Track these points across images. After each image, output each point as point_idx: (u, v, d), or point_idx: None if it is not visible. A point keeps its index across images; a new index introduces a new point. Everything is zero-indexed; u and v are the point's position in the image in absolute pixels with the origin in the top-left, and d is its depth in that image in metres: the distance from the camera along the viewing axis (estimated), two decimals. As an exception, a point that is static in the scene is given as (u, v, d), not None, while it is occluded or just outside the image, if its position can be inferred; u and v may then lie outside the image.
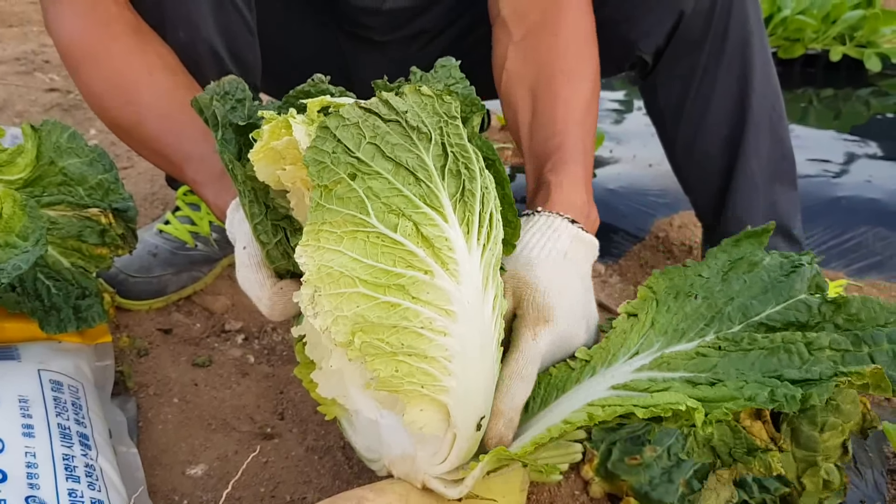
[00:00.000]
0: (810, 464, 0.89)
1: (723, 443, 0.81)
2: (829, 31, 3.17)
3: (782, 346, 0.82)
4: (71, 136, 1.26)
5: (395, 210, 0.74)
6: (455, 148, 0.79)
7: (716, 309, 0.91)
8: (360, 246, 0.74)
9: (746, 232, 0.99)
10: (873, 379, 0.75)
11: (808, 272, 0.89)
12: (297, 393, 1.34)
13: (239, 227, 0.98)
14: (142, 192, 2.02)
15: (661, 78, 1.49)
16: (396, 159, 0.75)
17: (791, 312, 0.86)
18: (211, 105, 0.92)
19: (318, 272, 0.73)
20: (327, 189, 0.73)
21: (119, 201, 1.27)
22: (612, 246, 1.90)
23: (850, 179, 2.24)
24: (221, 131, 0.91)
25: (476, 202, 0.80)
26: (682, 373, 0.84)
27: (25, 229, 1.12)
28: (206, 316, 1.56)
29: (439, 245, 0.76)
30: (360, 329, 0.74)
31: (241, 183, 0.90)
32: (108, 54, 1.15)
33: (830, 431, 0.92)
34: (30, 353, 1.14)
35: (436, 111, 0.78)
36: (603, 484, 1.14)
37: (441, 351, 0.78)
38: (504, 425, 0.88)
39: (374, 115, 0.75)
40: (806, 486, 0.91)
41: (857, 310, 0.82)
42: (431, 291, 0.76)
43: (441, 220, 0.77)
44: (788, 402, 0.74)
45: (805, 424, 0.90)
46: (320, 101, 0.79)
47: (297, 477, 1.16)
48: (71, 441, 1.01)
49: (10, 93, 2.79)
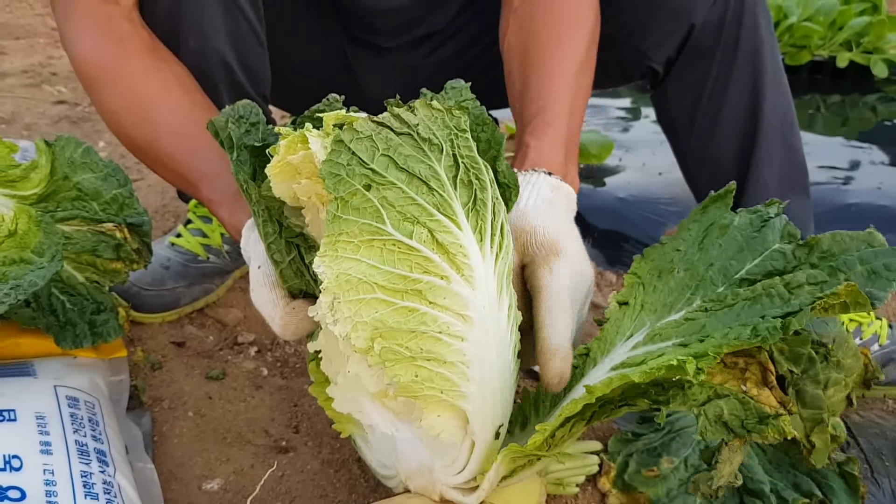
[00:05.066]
0: (817, 422, 0.90)
1: (734, 416, 0.82)
2: (835, 38, 3.17)
3: (764, 293, 0.84)
4: (85, 152, 1.26)
5: (410, 218, 0.76)
6: (466, 159, 0.81)
7: (698, 277, 0.93)
8: (377, 253, 0.76)
9: (711, 197, 1.01)
10: (849, 296, 0.78)
11: (779, 223, 0.92)
12: (311, 406, 1.34)
13: (254, 246, 0.99)
14: (153, 204, 2.03)
15: (671, 87, 1.49)
16: (410, 170, 0.76)
17: (768, 263, 0.89)
18: (226, 128, 0.94)
19: (337, 280, 0.75)
20: (343, 200, 0.75)
21: (134, 216, 1.27)
22: (622, 255, 1.90)
23: (859, 186, 2.24)
24: (237, 152, 0.93)
25: (488, 211, 0.82)
26: (674, 340, 0.87)
27: (41, 245, 1.12)
28: (218, 328, 1.56)
29: (454, 251, 0.78)
30: (379, 335, 0.76)
31: (255, 203, 0.92)
32: (123, 72, 1.16)
33: (834, 387, 0.93)
34: (45, 368, 1.13)
35: (446, 124, 0.80)
36: (620, 496, 1.14)
37: (459, 356, 0.79)
38: (561, 360, 0.88)
39: (387, 128, 0.77)
40: (815, 444, 0.91)
41: (828, 245, 0.86)
42: (448, 296, 0.78)
43: (455, 227, 0.78)
44: (771, 333, 0.77)
45: (809, 384, 0.91)
46: (336, 115, 0.81)
47: (313, 491, 1.16)
48: (88, 458, 1.01)
49: (18, 105, 2.79)
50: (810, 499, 1.06)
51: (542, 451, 0.82)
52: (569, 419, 0.82)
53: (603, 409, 0.84)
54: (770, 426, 0.80)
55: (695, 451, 1.13)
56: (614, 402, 0.84)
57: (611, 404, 0.84)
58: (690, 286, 0.92)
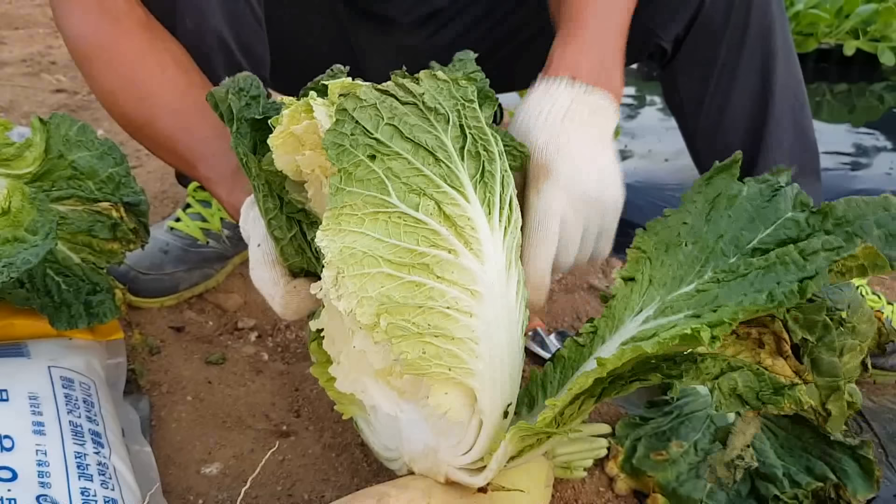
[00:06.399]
0: (833, 389, 0.87)
1: (748, 388, 0.80)
2: (842, 26, 3.14)
3: (778, 261, 0.82)
4: (80, 130, 1.24)
5: (417, 190, 0.74)
6: (473, 130, 0.78)
7: (708, 249, 0.91)
8: (382, 226, 0.73)
9: (716, 167, 0.98)
10: (867, 258, 0.76)
11: (791, 192, 0.89)
12: (312, 390, 1.31)
13: (253, 224, 0.96)
14: (152, 190, 2.00)
15: (680, 68, 1.46)
16: (415, 140, 0.74)
17: (781, 231, 0.86)
18: (226, 99, 0.92)
19: (341, 254, 0.72)
20: (347, 172, 0.72)
21: (130, 195, 1.25)
22: (629, 241, 1.86)
23: (867, 174, 2.22)
24: (236, 125, 0.91)
25: (496, 184, 0.80)
26: (685, 312, 0.84)
27: (34, 223, 1.09)
28: (218, 314, 1.54)
29: (462, 224, 0.76)
30: (385, 310, 0.73)
31: (255, 177, 0.89)
32: (119, 51, 1.13)
33: (850, 353, 0.91)
34: (40, 349, 1.11)
35: (452, 95, 0.78)
36: (628, 480, 1.11)
37: (468, 332, 0.76)
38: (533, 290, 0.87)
39: (391, 96, 0.74)
40: (831, 412, 0.89)
41: (843, 211, 0.83)
42: (456, 271, 0.75)
43: (462, 199, 0.76)
44: (787, 297, 0.75)
45: (824, 352, 0.88)
46: (342, 83, 0.79)
47: (314, 475, 1.14)
48: (83, 439, 0.99)
49: (16, 94, 2.77)
50: (824, 482, 1.03)
51: (552, 428, 0.80)
52: (578, 395, 0.79)
53: (613, 385, 0.81)
54: (786, 396, 0.78)
55: (704, 435, 1.11)
56: (625, 377, 0.81)
57: (621, 380, 0.81)
58: (700, 258, 0.90)
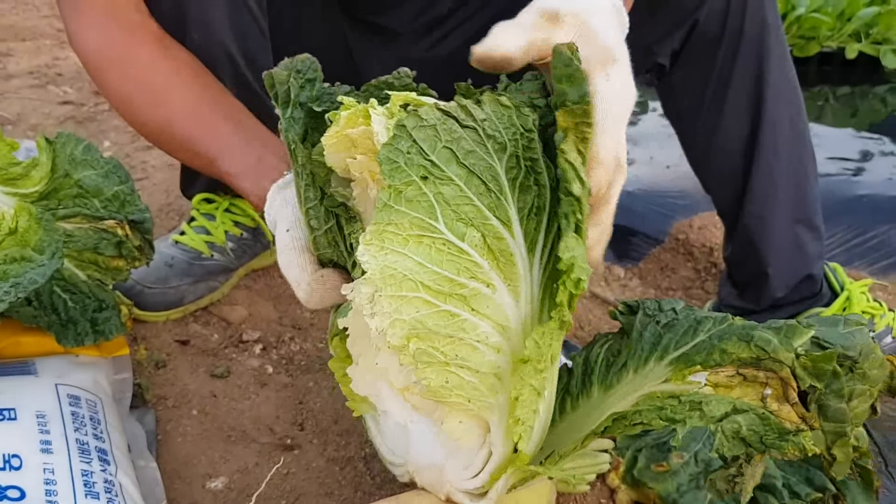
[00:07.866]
0: (840, 435, 0.87)
1: (752, 432, 0.79)
2: (844, 29, 3.14)
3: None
4: (86, 149, 1.25)
5: (465, 219, 0.73)
6: (528, 162, 0.77)
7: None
8: (426, 251, 0.73)
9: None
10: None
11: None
12: (316, 403, 1.32)
13: (281, 209, 0.95)
14: (157, 203, 2.02)
15: (677, 79, 1.47)
16: (470, 167, 0.73)
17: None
18: (287, 81, 0.90)
19: (382, 273, 0.72)
20: (397, 190, 0.72)
21: (135, 213, 1.26)
22: (631, 249, 1.88)
23: (870, 177, 2.21)
24: (291, 109, 0.89)
25: (544, 218, 0.79)
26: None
27: (41, 243, 1.11)
28: (223, 326, 1.55)
29: (504, 260, 0.75)
30: (416, 335, 0.73)
31: (300, 165, 0.88)
32: (134, 58, 1.16)
33: (859, 398, 0.90)
34: (47, 367, 1.12)
35: (512, 122, 0.77)
36: (629, 492, 1.12)
37: (493, 367, 0.76)
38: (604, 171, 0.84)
39: (453, 119, 0.74)
40: (837, 457, 0.89)
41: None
42: (491, 306, 0.75)
43: (508, 234, 0.75)
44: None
45: (832, 399, 0.87)
46: (405, 96, 0.78)
47: (318, 488, 1.15)
48: (90, 456, 1.00)
49: (23, 106, 2.79)
50: (823, 493, 1.04)
51: (553, 471, 0.81)
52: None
53: (617, 424, 0.82)
54: (790, 442, 0.77)
55: (705, 446, 1.11)
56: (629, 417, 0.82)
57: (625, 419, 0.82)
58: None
